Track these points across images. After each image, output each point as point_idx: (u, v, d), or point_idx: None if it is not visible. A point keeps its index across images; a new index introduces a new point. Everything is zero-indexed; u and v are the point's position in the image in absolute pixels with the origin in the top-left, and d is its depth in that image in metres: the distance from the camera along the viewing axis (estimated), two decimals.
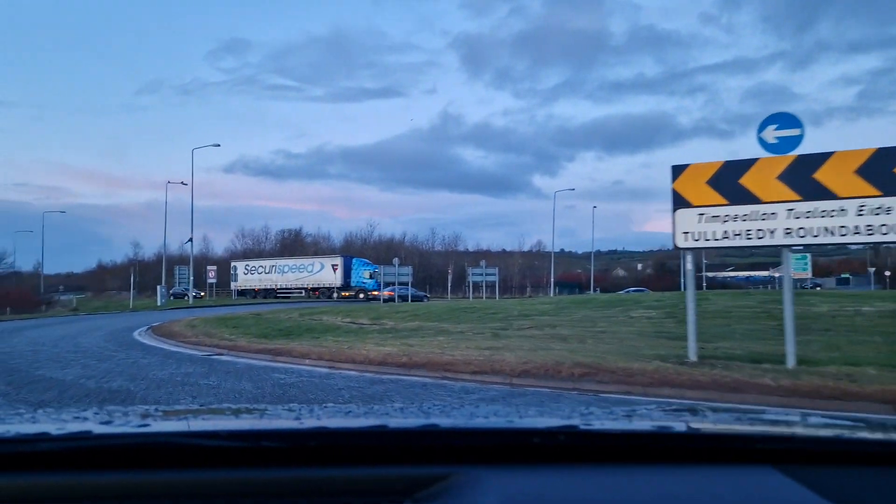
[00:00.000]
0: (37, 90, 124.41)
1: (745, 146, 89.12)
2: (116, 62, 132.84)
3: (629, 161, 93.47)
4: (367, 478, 1.07)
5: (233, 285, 63.02)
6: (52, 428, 1.27)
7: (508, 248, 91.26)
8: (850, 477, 1.10)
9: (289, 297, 55.66)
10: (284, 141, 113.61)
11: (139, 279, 52.90)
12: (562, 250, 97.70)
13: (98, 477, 1.07)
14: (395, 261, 40.32)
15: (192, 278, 50.54)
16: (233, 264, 65.07)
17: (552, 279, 60.66)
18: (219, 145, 38.63)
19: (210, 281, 56.22)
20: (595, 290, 61.51)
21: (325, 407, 1.76)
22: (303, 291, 57.73)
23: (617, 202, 72.52)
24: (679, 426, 1.35)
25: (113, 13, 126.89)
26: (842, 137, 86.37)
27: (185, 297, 51.68)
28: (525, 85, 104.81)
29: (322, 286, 57.05)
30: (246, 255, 76.29)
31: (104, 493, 1.04)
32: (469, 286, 50.42)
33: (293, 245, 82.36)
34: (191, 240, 48.98)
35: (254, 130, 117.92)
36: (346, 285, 56.34)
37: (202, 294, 60.85)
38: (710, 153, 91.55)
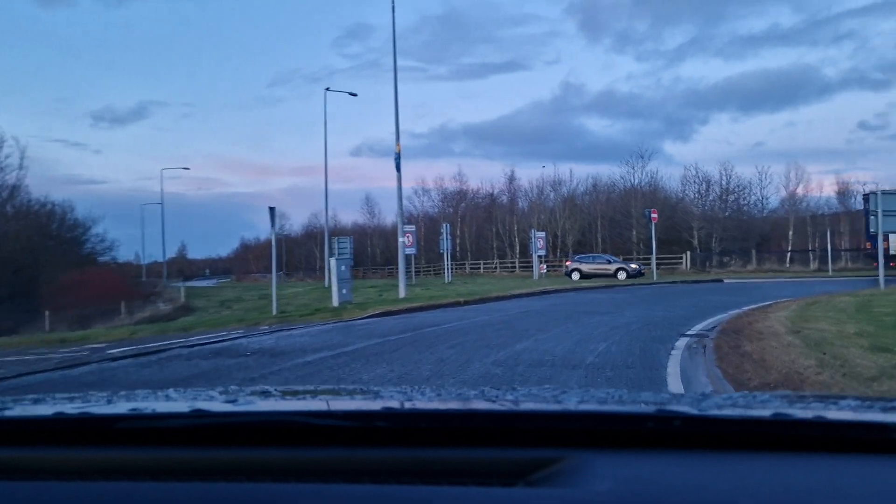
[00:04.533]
0: (183, 89, 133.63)
1: None
2: (249, 57, 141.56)
3: (770, 120, 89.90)
4: (480, 459, 1.08)
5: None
6: (176, 406, 1.47)
7: None
8: None
9: None
10: (408, 121, 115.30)
11: (286, 258, 51.54)
12: None
13: (216, 453, 1.13)
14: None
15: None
16: None
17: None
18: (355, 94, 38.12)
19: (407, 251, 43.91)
20: None
21: (438, 389, 1.82)
22: None
23: (760, 165, 71.80)
24: (802, 413, 1.27)
25: (243, 10, 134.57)
26: None
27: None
28: (648, 46, 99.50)
29: None
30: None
31: (221, 469, 1.07)
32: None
33: None
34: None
35: (380, 113, 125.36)
36: None
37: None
38: (863, 107, 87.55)
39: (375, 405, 1.47)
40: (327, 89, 38.50)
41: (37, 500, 1.03)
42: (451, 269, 59.46)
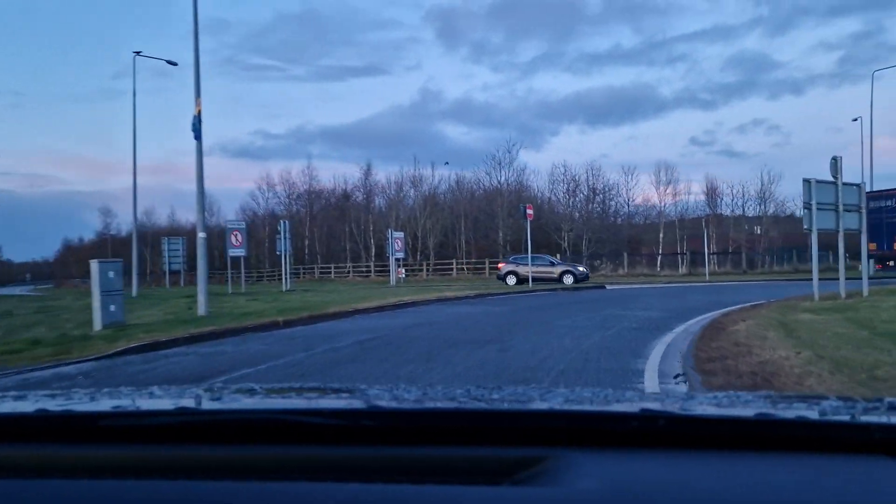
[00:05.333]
0: (13, 78, 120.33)
1: (728, 116, 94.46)
2: (93, 46, 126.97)
3: (614, 133, 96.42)
4: (465, 458, 1.08)
5: None
6: (162, 404, 1.46)
7: None
8: None
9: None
10: (263, 121, 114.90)
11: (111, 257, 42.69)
12: None
13: (201, 451, 1.12)
14: None
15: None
16: None
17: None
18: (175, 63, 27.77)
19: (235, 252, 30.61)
20: None
21: (424, 388, 1.70)
22: None
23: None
24: (785, 413, 1.29)
25: None
26: (825, 105, 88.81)
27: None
28: (502, 58, 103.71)
29: None
30: None
31: (206, 467, 1.06)
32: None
33: None
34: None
35: (234, 112, 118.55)
36: None
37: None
38: (694, 124, 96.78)
39: (362, 404, 1.43)
40: (137, 53, 30.38)
41: (19, 499, 1.01)
42: (297, 274, 53.03)
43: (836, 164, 16.41)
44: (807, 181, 15.90)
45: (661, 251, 44.64)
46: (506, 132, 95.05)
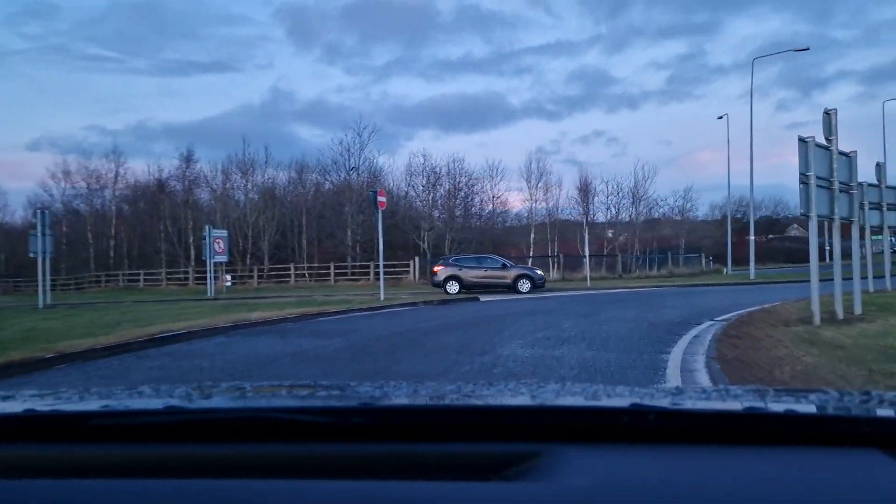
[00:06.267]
0: None
1: (572, 127, 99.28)
2: None
3: (466, 140, 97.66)
4: (456, 455, 1.07)
5: None
6: (151, 403, 1.44)
7: None
8: None
9: None
10: (100, 116, 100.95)
11: None
12: None
13: (191, 449, 1.11)
14: None
15: None
16: None
17: None
18: None
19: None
20: None
21: (414, 385, 1.69)
22: None
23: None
24: (775, 407, 1.30)
25: None
26: (655, 120, 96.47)
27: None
28: (356, 61, 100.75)
29: None
30: None
31: (196, 466, 1.06)
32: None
33: None
34: None
35: (67, 104, 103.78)
36: None
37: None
38: (541, 134, 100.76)
39: (352, 401, 1.42)
40: None
41: (6, 500, 0.99)
42: (98, 281, 43.04)
43: (829, 121, 11.09)
44: (803, 141, 10.40)
45: (531, 254, 39.50)
46: (361, 136, 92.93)
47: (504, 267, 26.11)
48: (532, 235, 40.95)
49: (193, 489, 0.99)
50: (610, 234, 42.65)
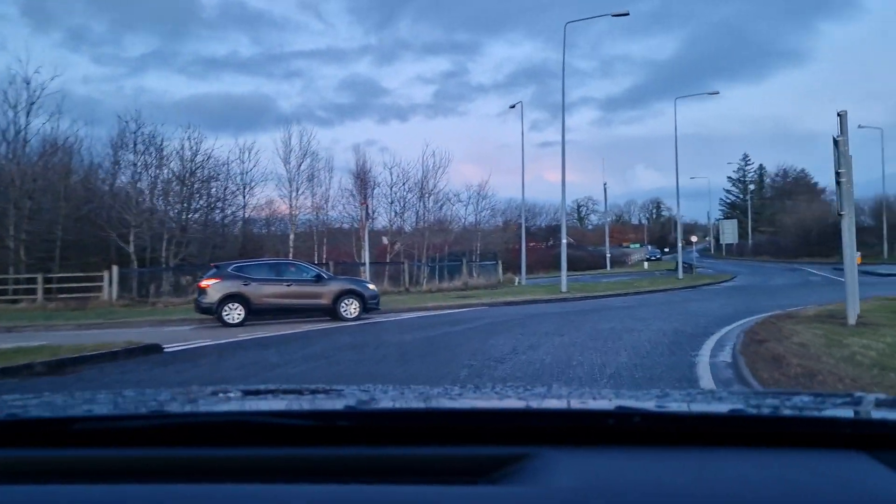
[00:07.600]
0: None
1: (344, 134, 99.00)
2: None
3: (232, 143, 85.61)
4: (442, 458, 1.07)
5: None
6: (136, 407, 1.43)
7: None
8: None
9: None
10: None
11: None
12: None
13: (176, 454, 1.10)
14: None
15: None
16: None
17: None
18: None
19: None
20: None
21: (401, 388, 1.69)
22: None
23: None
24: (760, 410, 1.31)
25: None
26: (422, 133, 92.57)
27: None
28: (107, 50, 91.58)
29: None
30: None
31: (181, 470, 1.05)
32: None
33: None
34: None
35: None
36: None
37: None
38: (312, 140, 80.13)
39: (338, 404, 1.43)
40: None
41: None
42: None
43: (842, 121, 9.94)
44: (837, 140, 9.85)
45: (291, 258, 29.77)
46: (112, 132, 75.73)
47: (319, 280, 16.65)
48: (291, 236, 31.16)
49: (178, 494, 0.98)
50: (385, 240, 33.94)
